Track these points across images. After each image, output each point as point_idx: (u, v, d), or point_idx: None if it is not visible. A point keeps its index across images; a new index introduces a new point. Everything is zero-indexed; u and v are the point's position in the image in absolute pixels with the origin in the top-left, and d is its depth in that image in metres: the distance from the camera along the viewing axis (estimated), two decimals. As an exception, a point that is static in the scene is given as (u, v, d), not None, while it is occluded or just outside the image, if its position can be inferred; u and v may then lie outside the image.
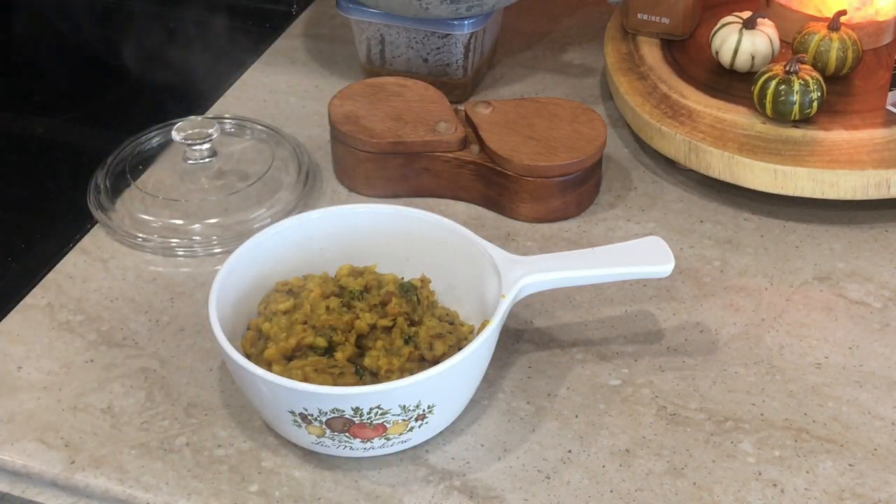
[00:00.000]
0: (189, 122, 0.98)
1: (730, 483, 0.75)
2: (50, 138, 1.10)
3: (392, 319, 0.78)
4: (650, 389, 0.82)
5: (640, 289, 0.89)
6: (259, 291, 0.82)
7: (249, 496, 0.75)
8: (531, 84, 1.12)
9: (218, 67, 1.14)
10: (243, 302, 0.81)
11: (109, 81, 1.17)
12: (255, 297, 0.82)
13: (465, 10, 1.01)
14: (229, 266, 0.80)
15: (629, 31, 1.08)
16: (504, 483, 0.75)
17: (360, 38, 1.08)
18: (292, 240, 0.84)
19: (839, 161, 0.92)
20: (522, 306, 0.88)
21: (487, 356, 0.78)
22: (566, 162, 0.93)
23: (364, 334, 0.77)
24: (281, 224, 0.84)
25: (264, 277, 0.83)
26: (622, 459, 0.77)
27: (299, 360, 0.76)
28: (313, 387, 0.72)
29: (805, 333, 0.86)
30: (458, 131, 0.96)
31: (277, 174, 0.99)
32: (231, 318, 0.79)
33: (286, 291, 0.82)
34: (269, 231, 0.83)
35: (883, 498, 0.74)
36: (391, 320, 0.78)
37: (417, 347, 0.77)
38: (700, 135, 0.96)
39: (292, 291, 0.81)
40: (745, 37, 1.00)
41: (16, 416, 0.80)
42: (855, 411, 0.80)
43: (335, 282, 0.81)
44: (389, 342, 0.77)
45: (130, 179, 0.99)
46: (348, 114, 0.98)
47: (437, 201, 0.98)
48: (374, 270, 0.83)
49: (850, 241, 0.94)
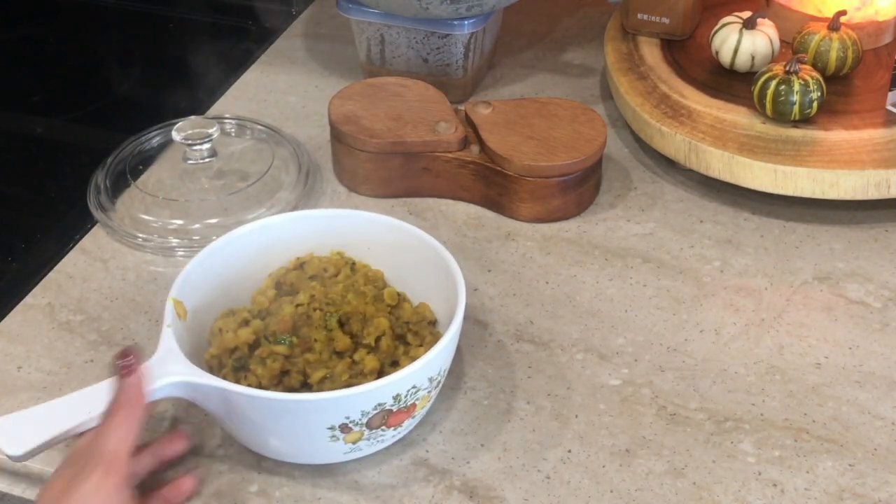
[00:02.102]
0: (189, 122, 0.98)
1: (730, 483, 0.75)
2: (50, 138, 1.11)
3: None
4: (650, 389, 0.81)
5: (640, 289, 0.89)
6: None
7: (249, 496, 0.75)
8: (531, 84, 1.12)
9: (218, 67, 1.14)
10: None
11: (109, 81, 1.17)
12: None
13: (465, 10, 1.01)
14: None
15: (629, 31, 1.08)
16: (504, 483, 0.75)
17: (360, 38, 1.08)
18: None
19: (839, 161, 0.92)
20: (522, 306, 0.88)
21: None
22: (566, 162, 0.93)
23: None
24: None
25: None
26: (622, 459, 0.77)
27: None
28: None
29: (805, 333, 0.86)
30: (458, 131, 0.96)
31: (277, 174, 0.99)
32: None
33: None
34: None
35: (883, 498, 0.74)
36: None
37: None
38: (700, 135, 0.96)
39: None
40: (745, 37, 1.00)
41: (16, 416, 0.80)
42: (855, 411, 0.80)
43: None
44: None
45: (130, 179, 0.99)
46: (348, 114, 0.98)
47: (437, 201, 0.98)
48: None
49: (850, 241, 0.94)
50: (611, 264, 0.92)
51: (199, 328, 0.80)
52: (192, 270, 0.80)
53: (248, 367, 0.77)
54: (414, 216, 0.96)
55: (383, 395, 0.72)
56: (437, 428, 0.79)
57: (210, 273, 0.81)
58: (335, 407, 0.71)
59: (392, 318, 0.79)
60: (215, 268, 0.82)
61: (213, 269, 0.82)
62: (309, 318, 0.79)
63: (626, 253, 0.93)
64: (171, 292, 0.78)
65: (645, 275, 0.91)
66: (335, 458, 0.75)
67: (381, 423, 0.73)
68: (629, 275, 0.91)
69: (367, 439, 0.74)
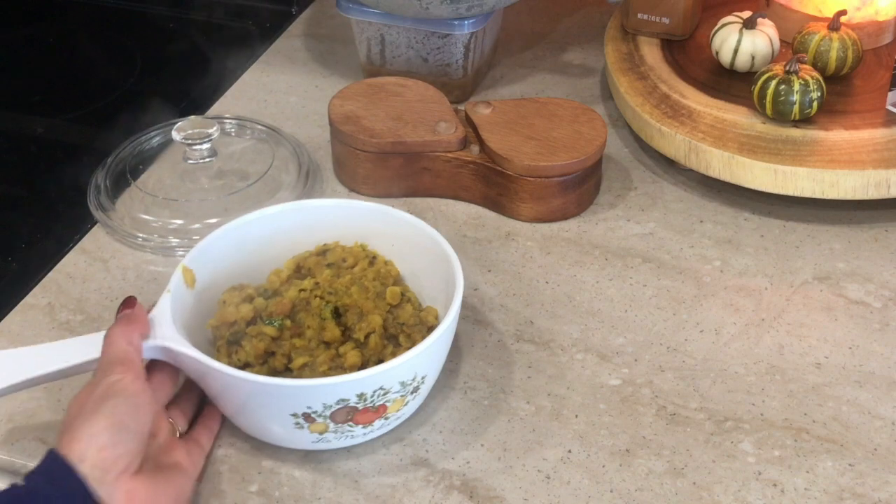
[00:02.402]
0: (189, 122, 0.98)
1: (730, 483, 0.75)
2: (50, 138, 1.10)
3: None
4: (650, 389, 0.81)
5: (640, 289, 0.89)
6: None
7: (249, 496, 0.75)
8: (531, 84, 1.12)
9: (218, 67, 1.14)
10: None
11: (109, 81, 1.17)
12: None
13: (465, 10, 1.01)
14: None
15: (629, 31, 1.08)
16: (504, 483, 0.75)
17: (360, 38, 1.08)
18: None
19: (839, 161, 0.92)
20: (522, 305, 0.88)
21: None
22: (566, 162, 0.93)
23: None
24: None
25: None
26: (622, 459, 0.77)
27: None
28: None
29: (805, 333, 0.86)
30: (458, 131, 0.96)
31: (277, 174, 0.99)
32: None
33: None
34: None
35: (883, 498, 0.74)
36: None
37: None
38: (700, 135, 0.96)
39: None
40: (745, 37, 1.00)
41: (15, 416, 0.80)
42: (855, 411, 0.80)
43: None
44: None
45: (130, 179, 0.99)
46: (348, 114, 0.98)
47: (438, 201, 0.98)
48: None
49: (850, 241, 0.94)
50: (611, 264, 0.92)
51: (212, 300, 0.81)
52: (211, 242, 0.82)
53: (240, 343, 0.78)
54: (414, 216, 0.96)
55: (345, 391, 0.72)
56: (437, 428, 0.79)
57: (231, 248, 0.83)
58: (295, 395, 0.72)
59: (389, 317, 0.79)
60: (238, 243, 0.83)
61: (235, 244, 0.83)
62: (307, 305, 0.79)
63: (626, 253, 0.93)
64: (184, 259, 0.80)
65: (645, 275, 0.91)
66: (304, 444, 0.76)
67: (347, 419, 0.73)
68: (629, 275, 0.91)
69: (335, 432, 0.74)
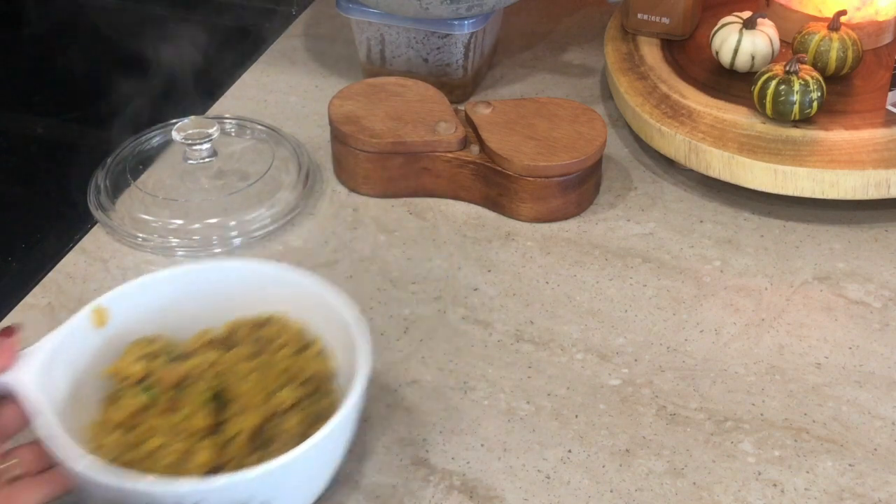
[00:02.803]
0: (189, 122, 0.98)
1: (730, 483, 0.75)
2: (50, 138, 1.10)
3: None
4: (650, 389, 0.81)
5: (640, 289, 0.89)
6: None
7: (249, 496, 0.75)
8: (531, 84, 1.12)
9: (218, 67, 1.14)
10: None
11: (109, 81, 1.17)
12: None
13: (465, 10, 1.01)
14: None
15: (629, 31, 1.08)
16: (504, 483, 0.75)
17: (360, 38, 1.08)
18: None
19: (839, 161, 0.92)
20: (522, 306, 0.88)
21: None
22: (566, 162, 0.93)
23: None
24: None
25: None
26: (622, 459, 0.77)
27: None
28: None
29: (805, 333, 0.86)
30: (458, 131, 0.96)
31: (277, 174, 0.99)
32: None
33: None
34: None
35: (883, 498, 0.74)
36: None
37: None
38: (700, 135, 0.96)
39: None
40: (745, 37, 1.00)
41: (16, 416, 0.80)
42: (855, 411, 0.80)
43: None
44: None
45: (130, 179, 0.99)
46: (348, 114, 0.98)
47: (437, 201, 0.98)
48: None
49: (850, 241, 0.94)
50: (611, 264, 0.92)
51: (126, 344, 0.75)
52: (143, 286, 0.75)
53: (119, 402, 0.72)
54: (414, 216, 0.96)
55: (160, 498, 0.63)
56: (437, 428, 0.79)
57: (164, 295, 0.76)
58: (100, 487, 0.65)
59: (276, 420, 0.70)
60: (176, 291, 0.77)
61: (171, 292, 0.77)
62: (195, 382, 0.72)
63: (626, 253, 0.93)
64: (102, 296, 0.75)
65: (645, 275, 0.91)
66: None
67: None
68: (629, 275, 0.91)
69: None
